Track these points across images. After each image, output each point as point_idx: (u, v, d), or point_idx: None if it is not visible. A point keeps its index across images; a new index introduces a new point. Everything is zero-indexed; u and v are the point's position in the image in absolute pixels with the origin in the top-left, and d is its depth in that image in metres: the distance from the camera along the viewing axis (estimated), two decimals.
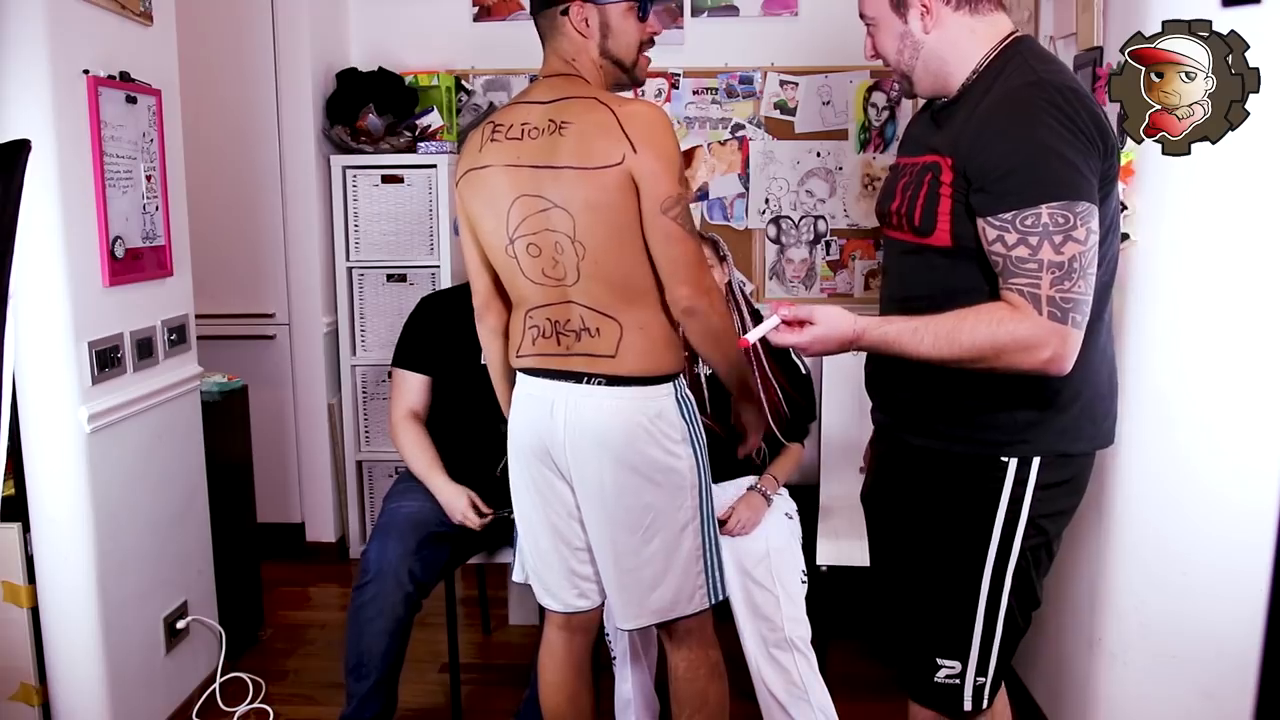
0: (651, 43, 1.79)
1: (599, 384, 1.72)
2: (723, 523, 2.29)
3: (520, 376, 1.82)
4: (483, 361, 2.41)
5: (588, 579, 1.88)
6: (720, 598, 1.84)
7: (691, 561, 1.79)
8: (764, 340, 1.46)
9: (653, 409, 1.73)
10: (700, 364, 2.44)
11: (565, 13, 1.70)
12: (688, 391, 1.80)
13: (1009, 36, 1.46)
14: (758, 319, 2.54)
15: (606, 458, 1.72)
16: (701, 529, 1.79)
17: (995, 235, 1.34)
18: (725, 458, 2.12)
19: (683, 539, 1.77)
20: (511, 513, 1.95)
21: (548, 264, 1.70)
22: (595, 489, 1.75)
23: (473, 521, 2.30)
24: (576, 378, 1.73)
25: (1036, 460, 1.45)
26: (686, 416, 1.77)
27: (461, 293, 2.51)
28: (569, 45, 1.72)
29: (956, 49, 1.45)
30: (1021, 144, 1.32)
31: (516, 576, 2.00)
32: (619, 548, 1.78)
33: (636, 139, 1.62)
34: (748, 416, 1.93)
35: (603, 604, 1.94)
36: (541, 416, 1.76)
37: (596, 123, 1.64)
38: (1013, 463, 1.45)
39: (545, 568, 1.88)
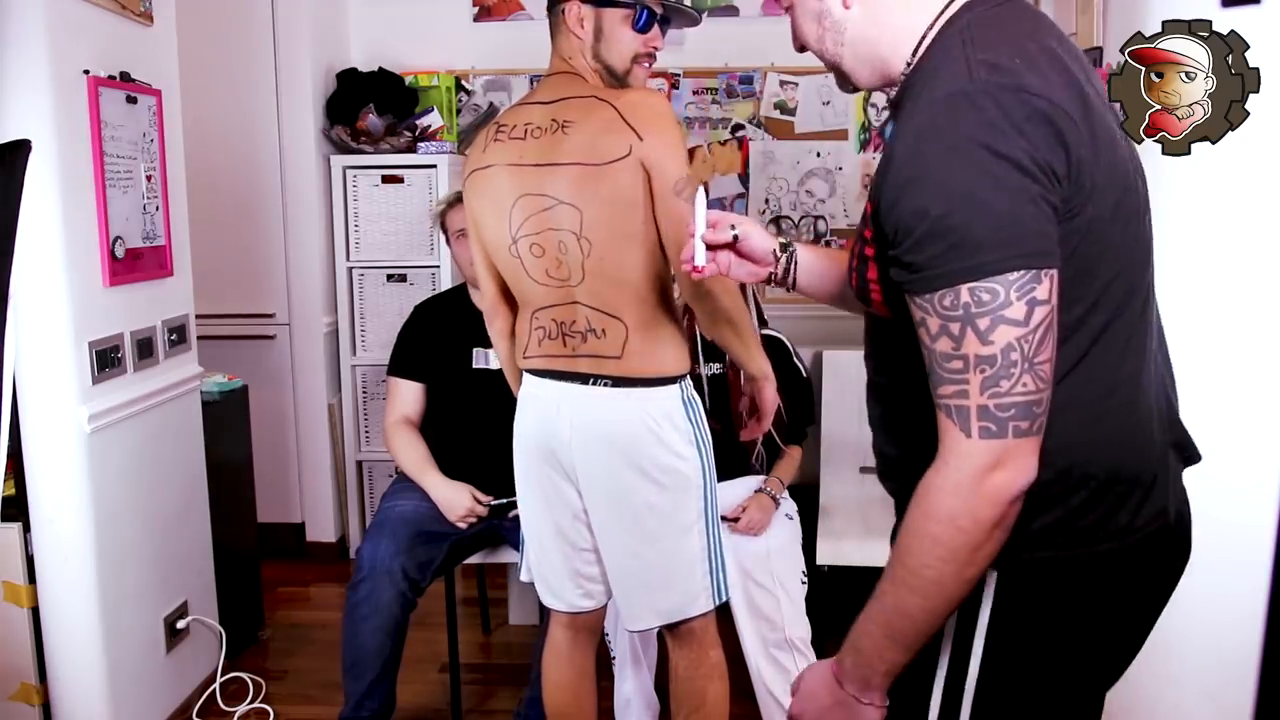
0: (652, 57, 1.77)
1: (605, 385, 1.72)
2: (734, 521, 2.30)
3: (526, 377, 1.82)
4: (475, 366, 2.42)
5: (593, 579, 1.88)
6: (724, 599, 1.84)
7: (697, 563, 1.79)
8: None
9: (659, 411, 1.72)
10: (704, 364, 2.44)
11: (562, 11, 1.71)
12: (694, 393, 1.80)
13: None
14: (763, 321, 2.54)
15: (613, 459, 1.72)
16: (706, 531, 1.79)
17: (919, 318, 0.98)
18: (728, 456, 2.12)
19: (688, 541, 1.77)
20: (514, 501, 1.94)
21: (551, 264, 1.71)
22: (601, 490, 1.75)
23: (479, 511, 2.30)
24: (583, 379, 1.73)
25: (993, 574, 1.05)
26: (693, 418, 1.77)
27: (454, 296, 2.53)
28: (566, 44, 1.73)
29: (887, 27, 1.09)
30: (938, 193, 0.94)
31: (524, 576, 1.99)
32: (625, 549, 1.78)
33: (641, 127, 1.63)
34: (764, 395, 1.82)
35: (607, 604, 1.94)
36: (547, 418, 1.76)
37: (600, 120, 1.65)
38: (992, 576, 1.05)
39: (549, 568, 1.88)
